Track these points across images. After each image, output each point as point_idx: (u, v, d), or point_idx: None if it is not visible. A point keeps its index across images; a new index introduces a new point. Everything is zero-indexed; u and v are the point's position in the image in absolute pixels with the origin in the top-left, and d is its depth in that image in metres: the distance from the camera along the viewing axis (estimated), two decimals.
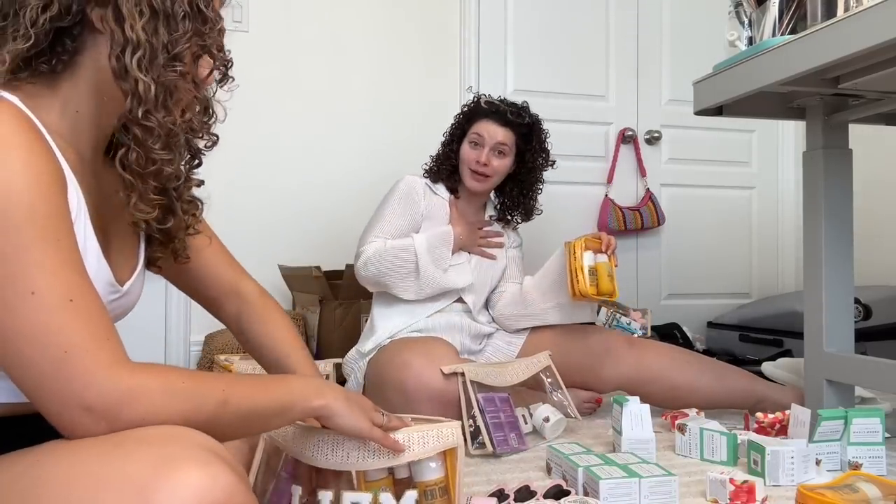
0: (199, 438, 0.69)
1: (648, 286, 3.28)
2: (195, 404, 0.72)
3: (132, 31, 0.75)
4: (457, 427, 1.00)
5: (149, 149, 0.78)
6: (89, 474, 0.64)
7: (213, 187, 0.99)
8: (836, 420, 1.48)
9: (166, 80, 0.77)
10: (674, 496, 1.26)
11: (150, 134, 0.78)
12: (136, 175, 0.79)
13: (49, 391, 0.67)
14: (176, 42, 0.78)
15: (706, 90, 1.78)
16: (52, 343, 0.67)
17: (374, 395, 1.84)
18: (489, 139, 2.00)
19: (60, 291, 0.68)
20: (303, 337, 2.58)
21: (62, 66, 0.79)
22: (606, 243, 1.92)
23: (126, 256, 0.89)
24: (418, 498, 0.96)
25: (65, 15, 0.76)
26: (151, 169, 0.79)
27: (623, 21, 3.23)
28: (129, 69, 0.75)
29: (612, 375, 1.94)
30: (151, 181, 0.80)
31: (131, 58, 0.75)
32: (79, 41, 0.79)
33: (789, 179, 3.46)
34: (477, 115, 2.04)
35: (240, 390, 0.78)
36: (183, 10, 0.78)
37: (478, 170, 2.00)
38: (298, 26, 2.87)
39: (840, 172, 1.76)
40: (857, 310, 2.30)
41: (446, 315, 1.97)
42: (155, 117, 0.77)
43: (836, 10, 1.45)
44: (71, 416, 0.67)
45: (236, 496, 0.64)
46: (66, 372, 0.67)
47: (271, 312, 1.11)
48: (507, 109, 2.03)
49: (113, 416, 0.67)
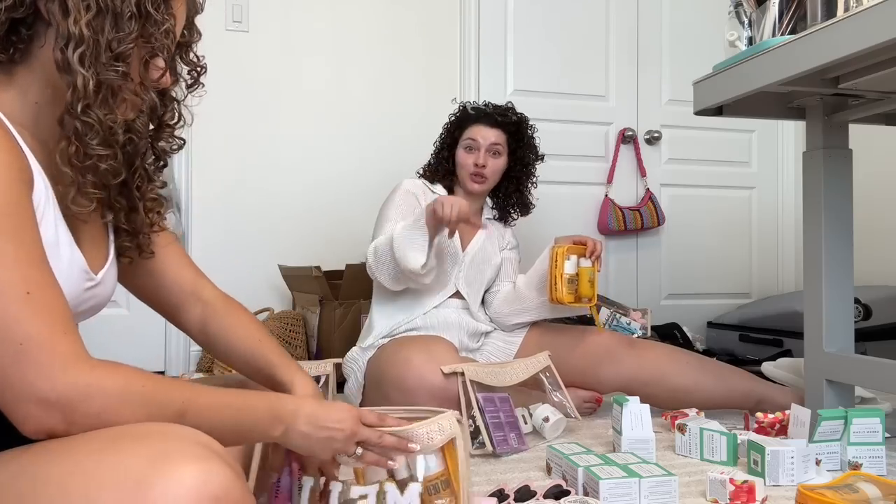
0: (196, 435, 0.69)
1: (648, 286, 3.29)
2: (151, 411, 0.72)
3: (76, 26, 0.75)
4: (453, 417, 0.99)
5: (86, 144, 0.78)
6: (86, 471, 0.65)
7: (213, 187, 1.00)
8: (836, 420, 1.48)
9: (107, 78, 0.77)
10: (674, 496, 1.26)
11: (89, 129, 0.78)
12: (74, 168, 0.79)
13: (3, 383, 0.67)
14: (120, 41, 0.78)
15: (706, 90, 1.78)
16: (7, 335, 0.67)
17: (374, 393, 1.84)
18: (483, 141, 2.05)
19: (18, 284, 0.68)
20: (303, 337, 2.59)
21: (18, 54, 0.79)
22: (591, 249, 1.93)
23: (97, 246, 0.90)
24: (422, 491, 0.96)
25: (18, 6, 0.77)
26: (88, 163, 0.79)
27: (623, 21, 3.24)
28: (71, 63, 0.76)
29: (611, 377, 1.95)
30: (89, 176, 0.80)
31: (73, 52, 0.75)
32: (33, 31, 0.79)
33: (789, 179, 3.46)
34: (467, 122, 2.10)
35: (201, 404, 0.77)
36: (130, 10, 0.78)
37: (477, 172, 2.04)
38: (298, 26, 2.87)
39: (840, 172, 1.76)
40: (857, 310, 2.31)
41: (444, 312, 1.98)
42: (94, 113, 0.77)
43: (836, 10, 1.45)
44: (25, 409, 0.67)
45: (232, 491, 0.65)
46: (21, 364, 0.67)
47: (236, 311, 1.09)
48: (495, 111, 2.10)
49: (68, 411, 0.67)
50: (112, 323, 2.56)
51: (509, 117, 2.10)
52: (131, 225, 0.93)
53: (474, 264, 2.04)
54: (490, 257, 2.09)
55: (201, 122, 2.71)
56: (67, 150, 0.78)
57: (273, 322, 2.57)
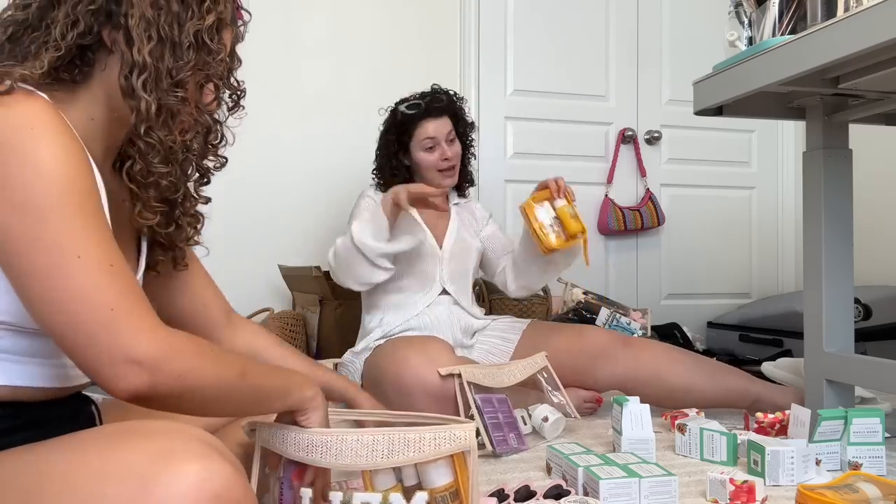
0: (197, 433, 0.72)
1: (648, 286, 3.28)
2: (221, 369, 0.80)
3: (139, 55, 0.82)
4: (470, 429, 0.97)
5: (149, 162, 0.85)
6: (91, 468, 0.67)
7: (213, 187, 1.01)
8: (836, 420, 1.48)
9: (168, 102, 0.84)
10: (674, 496, 1.26)
11: (151, 149, 0.84)
12: (138, 185, 0.87)
13: (97, 346, 0.72)
14: (180, 69, 0.84)
15: (706, 90, 1.78)
16: (99, 301, 0.72)
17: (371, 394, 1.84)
18: (439, 135, 2.04)
19: (102, 257, 0.74)
20: (303, 337, 2.59)
21: (81, 76, 0.85)
22: (555, 189, 1.94)
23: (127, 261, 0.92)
24: (429, 500, 0.95)
25: (87, 33, 0.83)
26: (151, 180, 0.86)
27: (623, 21, 3.24)
28: (136, 88, 0.82)
29: (606, 375, 1.94)
30: (152, 191, 0.87)
31: (137, 78, 0.82)
32: (96, 57, 0.85)
33: (789, 179, 3.46)
34: (412, 121, 2.06)
35: (255, 368, 0.87)
36: (189, 40, 0.85)
37: (445, 166, 2.05)
38: (298, 26, 2.87)
39: (840, 172, 1.76)
40: (857, 310, 2.31)
41: (436, 310, 1.99)
42: (156, 134, 0.84)
43: (836, 10, 1.45)
44: (116, 369, 0.72)
45: (233, 488, 0.67)
46: (113, 327, 0.72)
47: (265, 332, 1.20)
48: (430, 101, 2.06)
49: (156, 369, 0.73)
50: None
51: (442, 100, 2.08)
52: (168, 239, 0.99)
53: (454, 258, 2.04)
54: (468, 245, 2.10)
55: None
56: (133, 167, 0.86)
57: (273, 322, 2.57)
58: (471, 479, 0.96)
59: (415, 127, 2.05)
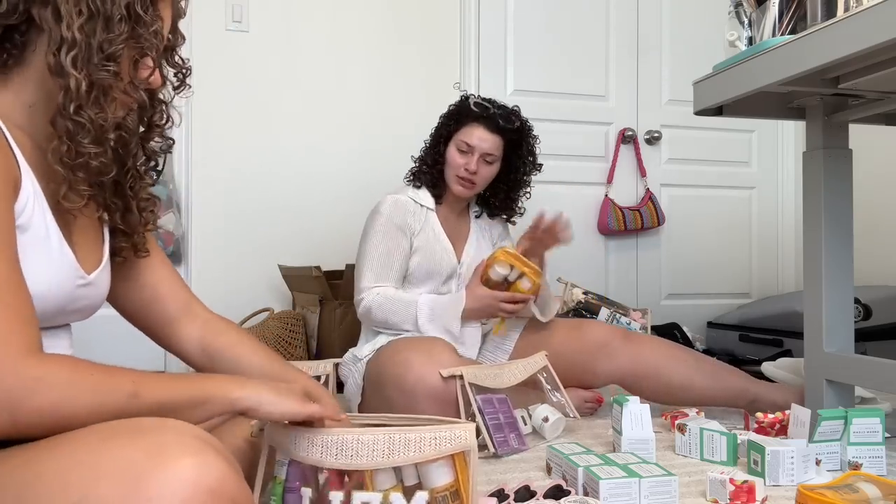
0: (191, 428, 0.70)
1: (648, 286, 3.28)
2: (102, 397, 0.72)
3: (68, 31, 0.78)
4: (471, 429, 0.96)
5: (78, 143, 0.81)
6: (84, 464, 0.65)
7: (213, 187, 1.01)
8: (836, 420, 1.48)
9: (99, 78, 0.80)
10: (674, 496, 1.26)
11: (80, 128, 0.80)
12: (65, 167, 0.82)
13: None
14: (111, 42, 0.80)
15: (706, 90, 1.78)
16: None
17: (373, 395, 1.84)
18: (478, 148, 1.95)
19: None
20: (303, 337, 2.59)
21: (12, 60, 0.82)
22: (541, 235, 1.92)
23: (91, 249, 0.93)
24: (429, 500, 0.94)
25: (12, 13, 0.79)
26: (79, 161, 0.82)
27: (623, 21, 3.24)
28: (64, 66, 0.78)
29: (606, 370, 1.94)
30: (80, 173, 0.83)
31: (66, 55, 0.78)
32: (26, 38, 0.82)
33: (789, 179, 3.46)
34: (467, 118, 1.98)
35: (153, 384, 0.77)
36: (120, 12, 0.81)
37: (465, 176, 1.97)
38: (298, 26, 2.87)
39: (840, 172, 1.76)
40: (857, 310, 2.30)
41: None
42: (86, 113, 0.80)
43: (836, 10, 1.45)
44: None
45: (228, 483, 0.66)
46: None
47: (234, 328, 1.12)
48: (498, 114, 1.97)
49: (14, 407, 0.67)
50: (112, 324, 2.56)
51: (512, 122, 1.98)
52: (126, 224, 0.97)
53: (470, 271, 2.01)
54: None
55: (201, 122, 2.73)
56: (59, 149, 0.81)
57: (273, 322, 2.57)
58: (471, 479, 0.96)
59: (464, 124, 1.98)
